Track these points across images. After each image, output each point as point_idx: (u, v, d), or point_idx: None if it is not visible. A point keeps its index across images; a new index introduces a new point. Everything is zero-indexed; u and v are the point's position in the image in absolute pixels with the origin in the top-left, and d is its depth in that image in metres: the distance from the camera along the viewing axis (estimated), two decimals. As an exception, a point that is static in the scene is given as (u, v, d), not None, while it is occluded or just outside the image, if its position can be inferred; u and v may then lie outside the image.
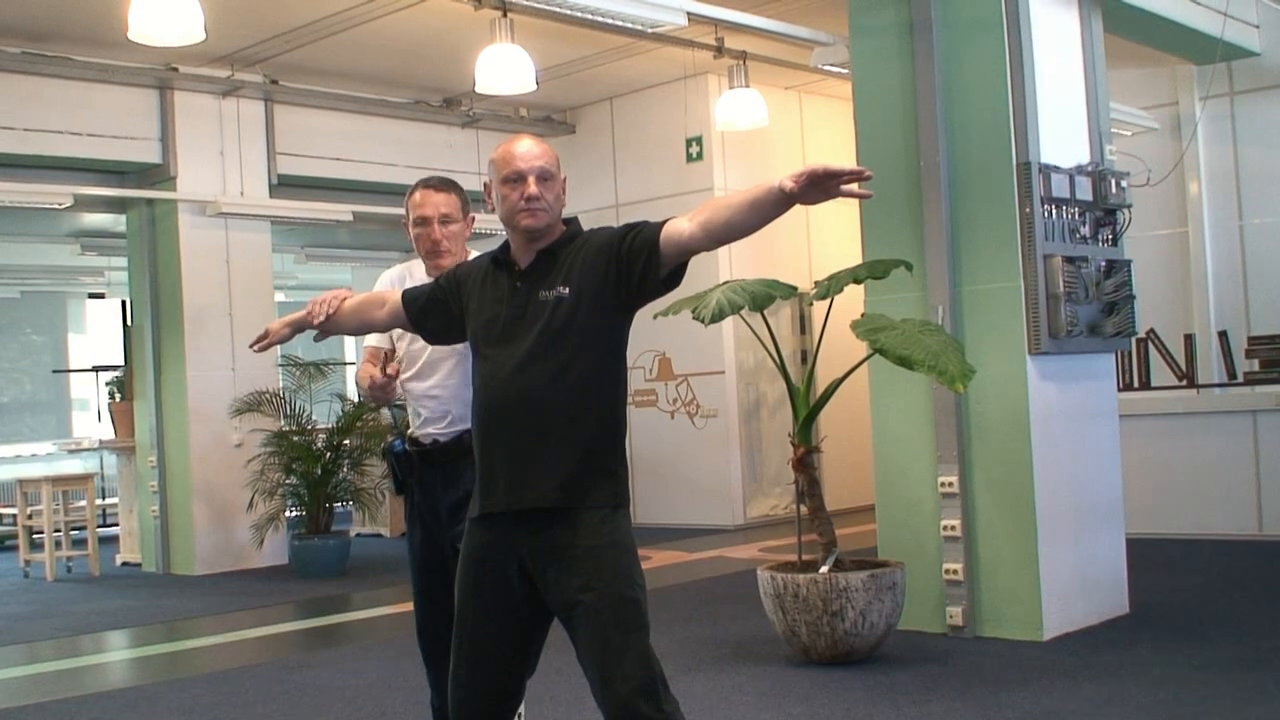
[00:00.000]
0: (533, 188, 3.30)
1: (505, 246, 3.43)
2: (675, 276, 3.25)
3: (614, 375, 3.32)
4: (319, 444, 10.96)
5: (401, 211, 4.36)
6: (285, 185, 11.77)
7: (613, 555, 3.19)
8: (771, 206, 3.05)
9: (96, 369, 15.44)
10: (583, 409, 3.23)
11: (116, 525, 12.72)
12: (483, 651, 3.30)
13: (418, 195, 4.21)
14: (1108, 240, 7.21)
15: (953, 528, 6.78)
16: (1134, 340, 8.67)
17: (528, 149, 3.35)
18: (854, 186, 2.98)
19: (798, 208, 3.09)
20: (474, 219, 4.29)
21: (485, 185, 3.45)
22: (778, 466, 12.43)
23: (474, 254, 4.06)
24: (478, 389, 3.35)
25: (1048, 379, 6.78)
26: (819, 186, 2.97)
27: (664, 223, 3.21)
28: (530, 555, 3.23)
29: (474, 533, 3.35)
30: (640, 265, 3.20)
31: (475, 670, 3.31)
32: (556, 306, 3.24)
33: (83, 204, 11.21)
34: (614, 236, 3.28)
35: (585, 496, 3.21)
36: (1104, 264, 7.08)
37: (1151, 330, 9.77)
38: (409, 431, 4.26)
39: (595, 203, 12.55)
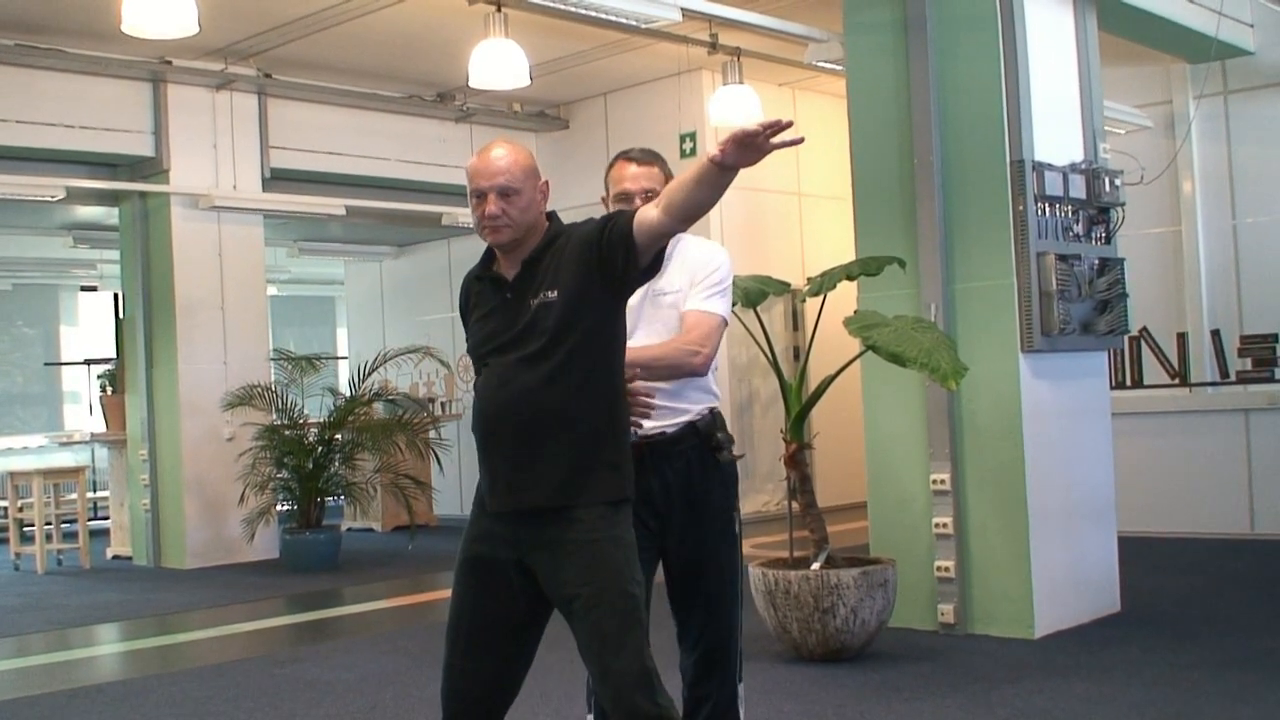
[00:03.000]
0: (491, 206, 3.28)
1: (486, 260, 3.44)
2: (656, 263, 3.27)
3: (610, 369, 3.33)
4: (310, 438, 10.95)
5: (395, 206, 4.32)
6: (278, 179, 11.74)
7: (611, 550, 3.21)
8: (715, 177, 3.07)
9: (88, 362, 15.39)
10: (579, 407, 3.24)
11: (107, 518, 12.69)
12: (478, 643, 3.31)
13: (616, 169, 3.96)
14: (1101, 238, 7.21)
15: (944, 525, 6.78)
16: (1126, 338, 8.67)
17: (488, 165, 3.31)
18: (784, 137, 2.99)
19: (790, 204, 3.11)
20: None
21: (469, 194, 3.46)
22: (770, 463, 12.43)
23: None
24: (476, 397, 3.38)
25: (1040, 377, 6.78)
26: (749, 148, 2.99)
27: (635, 212, 3.23)
28: (530, 550, 3.25)
29: (477, 523, 3.37)
30: (620, 257, 3.21)
31: (469, 661, 3.32)
32: (547, 310, 3.25)
33: (75, 197, 11.19)
34: (592, 232, 3.28)
35: (586, 492, 3.22)
36: (1097, 262, 7.08)
37: (1144, 329, 9.79)
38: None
39: (588, 198, 12.35)
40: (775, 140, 2.99)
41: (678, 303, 3.77)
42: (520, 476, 3.25)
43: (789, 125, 2.97)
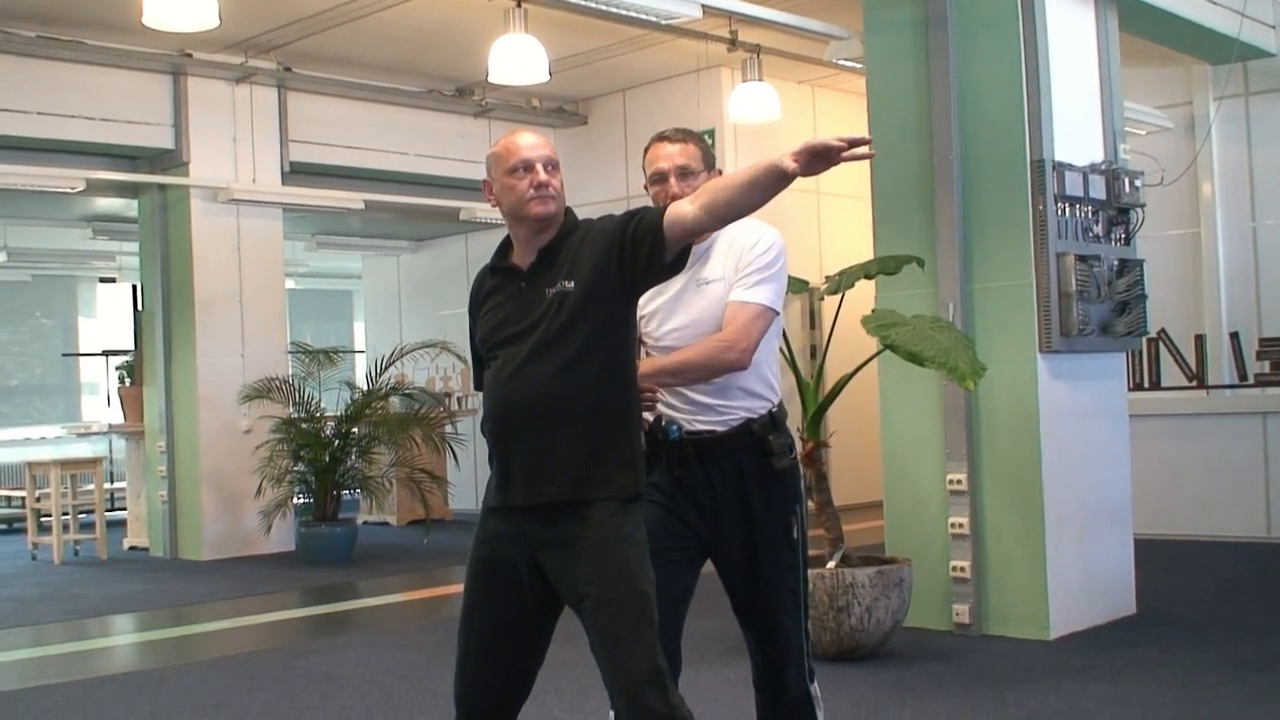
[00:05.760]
0: (542, 175, 3.29)
1: (502, 252, 3.43)
2: (680, 259, 3.26)
3: (623, 363, 3.32)
4: (327, 431, 10.98)
5: (414, 200, 4.24)
6: (297, 173, 11.77)
7: (622, 548, 3.20)
8: (774, 183, 3.07)
9: (106, 353, 15.44)
10: (592, 400, 3.22)
11: (124, 509, 12.73)
12: (490, 642, 3.31)
13: (652, 150, 3.80)
14: (1120, 239, 7.19)
15: (960, 525, 6.77)
16: (1145, 340, 8.65)
17: (532, 140, 3.35)
18: (858, 150, 2.98)
19: (808, 202, 3.11)
20: (719, 174, 3.74)
21: (484, 183, 3.43)
22: (786, 461, 12.37)
23: None
24: (487, 389, 3.36)
25: (1058, 378, 6.77)
26: (821, 159, 2.99)
27: (665, 208, 3.22)
28: (541, 547, 3.24)
29: (486, 524, 3.35)
30: (645, 251, 3.20)
31: (482, 660, 3.32)
32: (563, 301, 3.23)
33: (95, 188, 11.23)
34: (616, 224, 3.27)
35: (600, 488, 3.21)
36: (1116, 263, 7.06)
37: (1162, 330, 9.76)
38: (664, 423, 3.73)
39: (607, 194, 12.52)
40: (850, 154, 2.98)
41: (723, 291, 3.63)
42: (534, 469, 3.23)
43: (867, 142, 2.97)
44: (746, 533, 3.67)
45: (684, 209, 3.16)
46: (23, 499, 12.03)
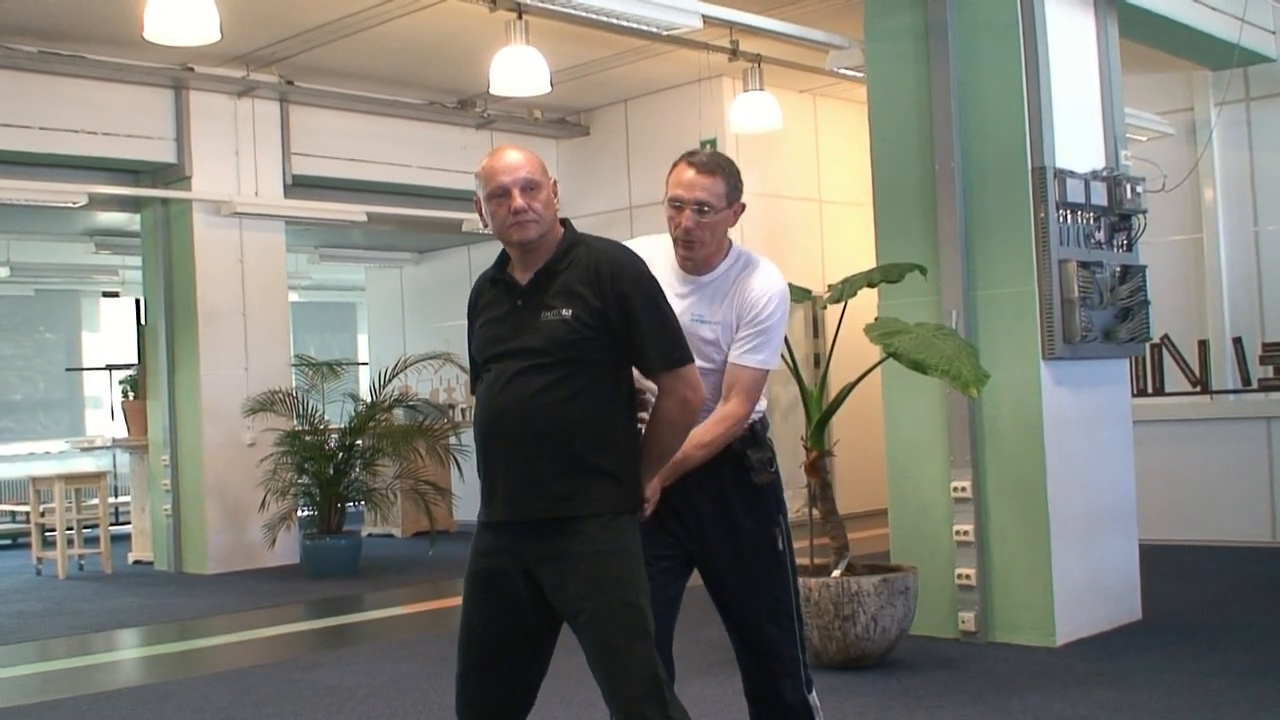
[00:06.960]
0: (518, 201, 3.28)
1: (501, 263, 3.44)
2: None
3: (614, 383, 3.31)
4: (331, 444, 10.98)
5: (416, 212, 4.23)
6: (299, 185, 11.78)
7: (615, 561, 3.19)
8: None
9: (110, 367, 15.47)
10: (581, 416, 3.22)
11: (129, 523, 12.74)
12: (490, 654, 3.30)
13: (676, 171, 3.74)
14: (1123, 245, 7.19)
15: (965, 532, 6.76)
16: (1148, 346, 8.64)
17: (509, 161, 3.33)
18: None
19: (811, 211, 3.12)
20: (743, 206, 3.79)
21: (475, 201, 3.44)
22: (790, 470, 12.27)
23: (736, 249, 3.80)
24: (478, 402, 3.37)
25: (1062, 384, 6.76)
26: None
27: (662, 365, 3.29)
28: (534, 562, 3.23)
29: (482, 536, 3.36)
30: (630, 354, 3.30)
31: (483, 672, 3.31)
32: (557, 327, 3.23)
33: (97, 203, 11.24)
34: (620, 297, 3.26)
35: (586, 503, 3.21)
36: (1119, 269, 7.06)
37: (1166, 336, 9.75)
38: None
39: (608, 204, 12.53)
40: None
41: (719, 336, 3.67)
42: (519, 486, 3.23)
43: None
44: (732, 547, 3.69)
45: (655, 382, 3.30)
46: (27, 514, 12.01)
